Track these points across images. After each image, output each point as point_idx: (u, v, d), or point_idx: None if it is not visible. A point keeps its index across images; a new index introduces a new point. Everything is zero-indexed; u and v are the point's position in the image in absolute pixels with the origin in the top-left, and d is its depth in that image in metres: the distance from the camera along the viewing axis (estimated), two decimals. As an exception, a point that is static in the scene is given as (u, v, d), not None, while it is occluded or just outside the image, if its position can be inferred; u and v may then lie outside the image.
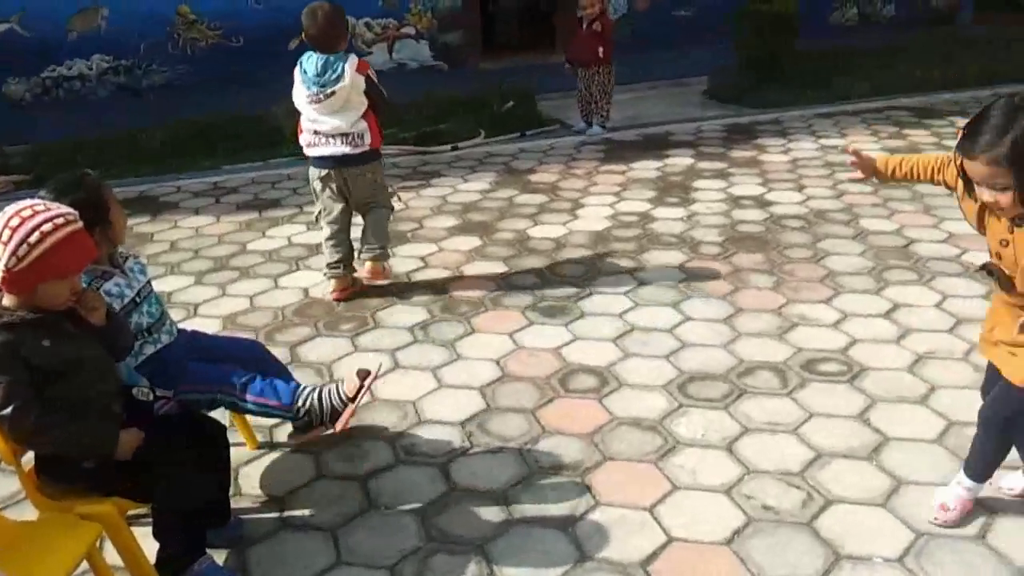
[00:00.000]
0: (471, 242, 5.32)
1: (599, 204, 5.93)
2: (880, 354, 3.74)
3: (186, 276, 5.00)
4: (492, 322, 4.23)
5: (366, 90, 4.32)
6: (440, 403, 3.53)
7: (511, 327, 4.16)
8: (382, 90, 4.41)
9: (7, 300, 2.28)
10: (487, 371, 3.76)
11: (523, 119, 8.33)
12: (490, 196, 6.23)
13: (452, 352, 3.95)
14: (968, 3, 12.67)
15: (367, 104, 4.35)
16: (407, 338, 4.11)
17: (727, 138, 7.56)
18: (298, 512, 2.92)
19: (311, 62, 4.31)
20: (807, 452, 3.10)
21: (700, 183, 6.28)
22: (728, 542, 2.68)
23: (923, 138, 7.24)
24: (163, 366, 2.79)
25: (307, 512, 2.92)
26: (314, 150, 4.42)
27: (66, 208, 2.31)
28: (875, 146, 7.04)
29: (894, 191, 5.72)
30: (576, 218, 5.68)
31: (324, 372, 3.82)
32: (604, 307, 4.33)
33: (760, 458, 3.07)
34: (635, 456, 3.12)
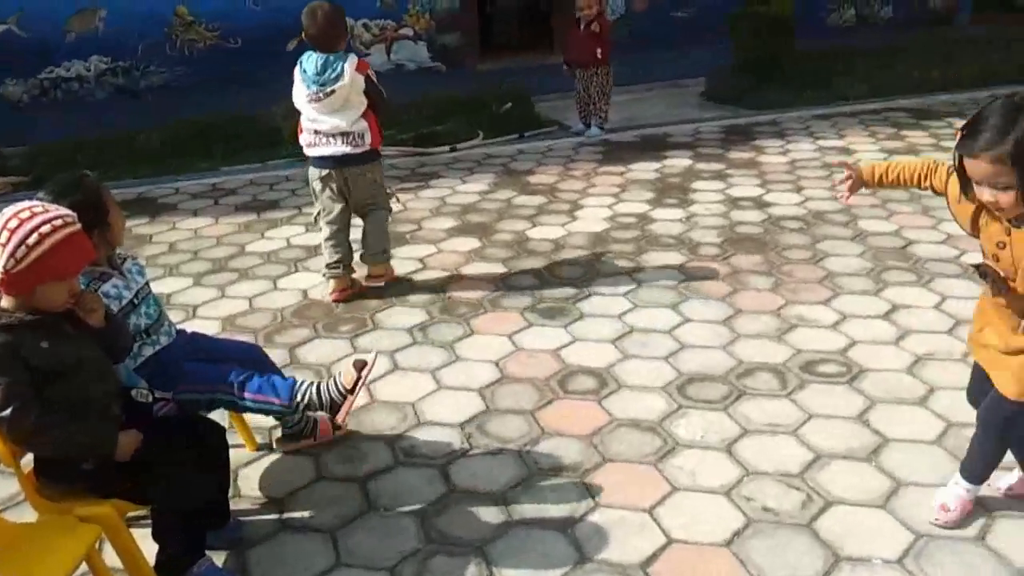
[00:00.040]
0: (470, 243, 5.32)
1: (598, 205, 5.93)
2: (879, 355, 3.74)
3: (185, 278, 4.99)
4: (491, 323, 4.23)
5: (365, 90, 4.32)
6: (439, 404, 3.53)
7: (510, 328, 4.16)
8: (381, 90, 4.42)
9: (6, 302, 2.28)
10: (486, 372, 3.76)
11: (521, 120, 8.33)
12: (489, 197, 6.23)
13: (451, 353, 3.95)
14: (966, 4, 12.69)
15: (366, 103, 4.35)
16: (406, 339, 4.11)
17: (725, 139, 7.56)
18: (297, 514, 2.92)
19: (311, 61, 4.31)
20: (806, 453, 3.10)
21: (698, 184, 6.29)
22: (728, 543, 2.68)
23: (921, 139, 7.24)
24: (161, 368, 2.79)
25: (306, 514, 2.91)
26: (314, 150, 4.42)
27: (64, 210, 2.31)
28: (873, 147, 7.05)
29: (892, 192, 5.72)
30: (575, 219, 5.68)
31: (323, 374, 3.82)
32: (603, 308, 4.33)
33: (759, 459, 3.07)
34: (634, 457, 3.12)
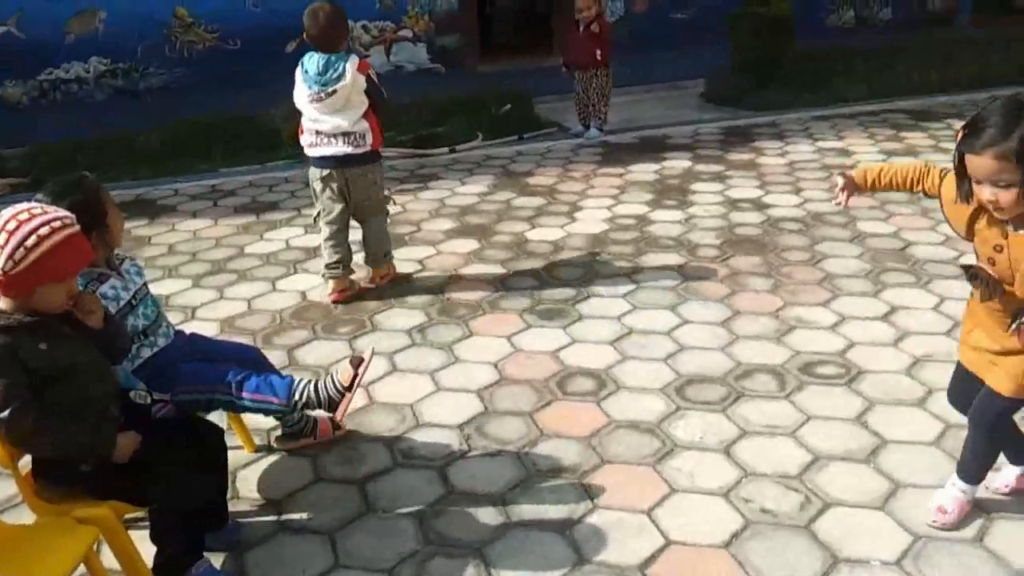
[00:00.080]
0: (469, 245, 5.32)
1: (597, 207, 5.93)
2: (878, 357, 3.75)
3: (184, 279, 4.99)
4: (490, 325, 4.23)
5: (367, 90, 4.34)
6: (438, 406, 3.53)
7: (509, 330, 4.16)
8: (382, 90, 4.44)
9: (4, 303, 2.28)
10: (485, 374, 3.76)
11: (521, 122, 8.33)
12: (488, 199, 6.23)
13: (450, 355, 3.95)
14: (965, 5, 12.69)
15: (368, 104, 4.37)
16: (405, 341, 4.11)
17: (724, 141, 7.56)
18: (296, 515, 2.92)
19: (312, 61, 4.33)
20: (805, 455, 3.10)
21: (697, 186, 6.29)
22: (726, 545, 2.68)
23: (920, 140, 7.25)
24: (159, 370, 2.78)
25: (305, 515, 2.91)
26: (315, 150, 4.43)
27: (63, 211, 2.31)
28: (872, 149, 7.05)
29: (892, 194, 5.72)
30: (574, 221, 5.68)
31: (322, 375, 3.80)
32: (602, 310, 4.33)
33: (758, 461, 3.07)
34: (633, 459, 3.12)
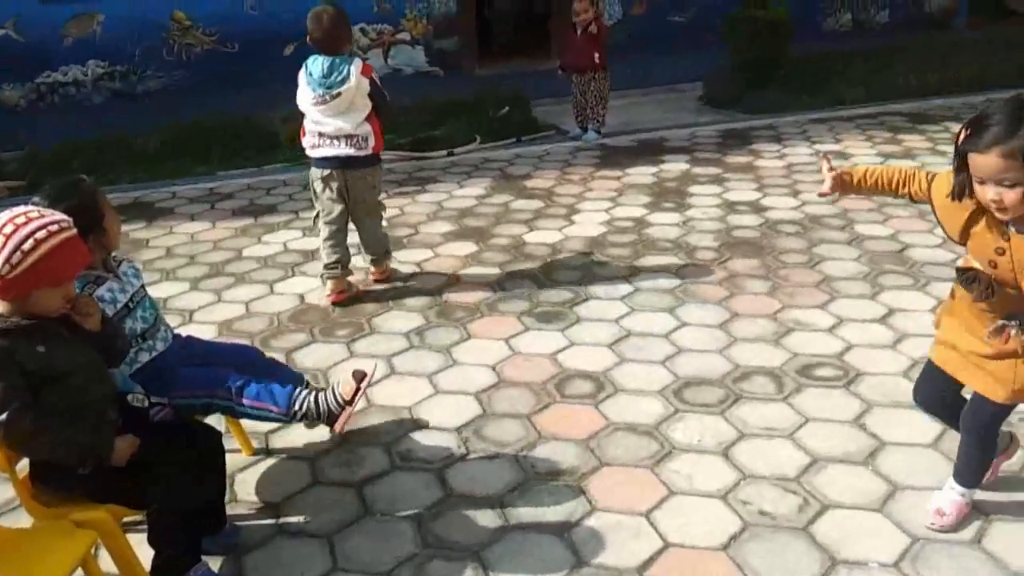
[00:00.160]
0: (467, 248, 5.32)
1: (595, 209, 5.93)
2: (876, 359, 3.75)
3: (181, 282, 4.99)
4: (488, 327, 4.23)
5: (370, 93, 4.38)
6: (436, 409, 3.53)
7: (507, 332, 4.16)
8: (384, 93, 4.48)
9: (1, 307, 2.28)
10: (483, 377, 3.76)
11: (519, 125, 8.33)
12: (486, 202, 6.23)
13: (448, 358, 3.95)
14: (962, 8, 12.71)
15: (370, 107, 4.40)
16: (403, 344, 4.11)
17: (722, 143, 7.57)
18: (294, 518, 2.91)
19: (317, 64, 4.35)
20: (803, 457, 3.10)
21: (695, 188, 6.29)
22: (724, 547, 2.68)
23: (917, 143, 7.26)
24: (158, 373, 2.78)
25: (303, 518, 2.91)
26: (318, 151, 4.46)
27: (60, 215, 2.31)
28: (870, 151, 7.06)
29: (889, 196, 5.72)
30: (572, 223, 5.69)
31: (320, 378, 3.81)
32: (600, 312, 4.33)
33: (756, 463, 3.07)
34: (631, 461, 3.12)
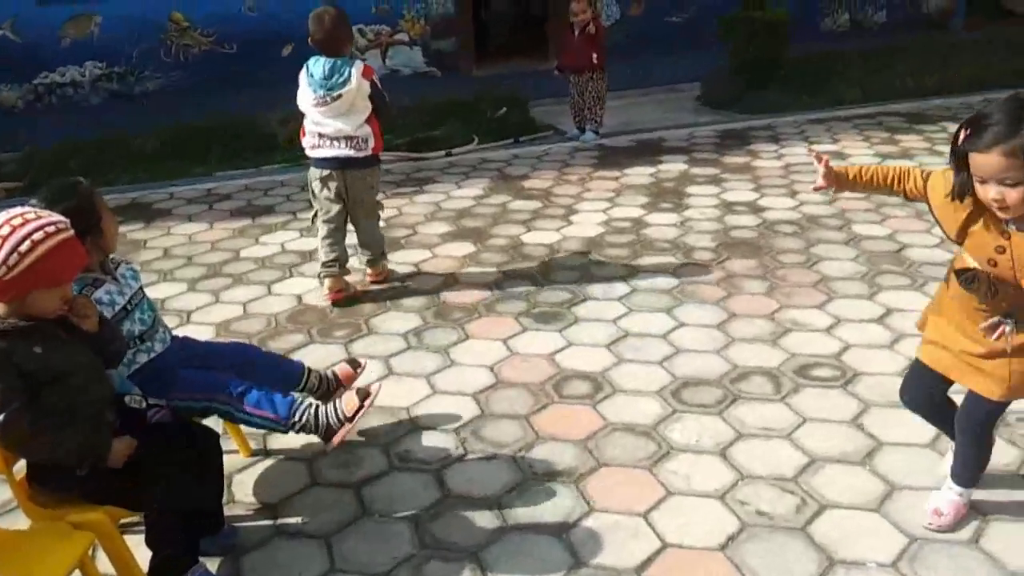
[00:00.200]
0: (465, 248, 5.32)
1: (592, 210, 5.93)
2: (873, 359, 3.75)
3: (179, 283, 4.98)
4: (486, 328, 4.23)
5: (370, 95, 4.39)
6: (434, 409, 3.53)
7: (505, 333, 4.16)
8: (385, 95, 4.50)
9: (-2, 308, 2.27)
10: (481, 377, 3.76)
11: (516, 125, 8.34)
12: (484, 202, 6.23)
13: (446, 358, 3.95)
14: (959, 9, 12.73)
15: (371, 108, 4.42)
16: (401, 344, 4.10)
17: (720, 144, 7.57)
18: (292, 519, 2.91)
19: (318, 66, 4.36)
20: (801, 457, 3.10)
21: (693, 189, 6.29)
22: (722, 548, 2.68)
23: (915, 143, 7.26)
24: (156, 374, 2.77)
25: (301, 519, 2.91)
26: (317, 152, 4.48)
27: (57, 216, 2.31)
28: (868, 152, 7.06)
29: (887, 197, 5.72)
30: (570, 224, 5.69)
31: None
32: (598, 313, 4.33)
33: (754, 463, 3.07)
34: (629, 462, 3.12)
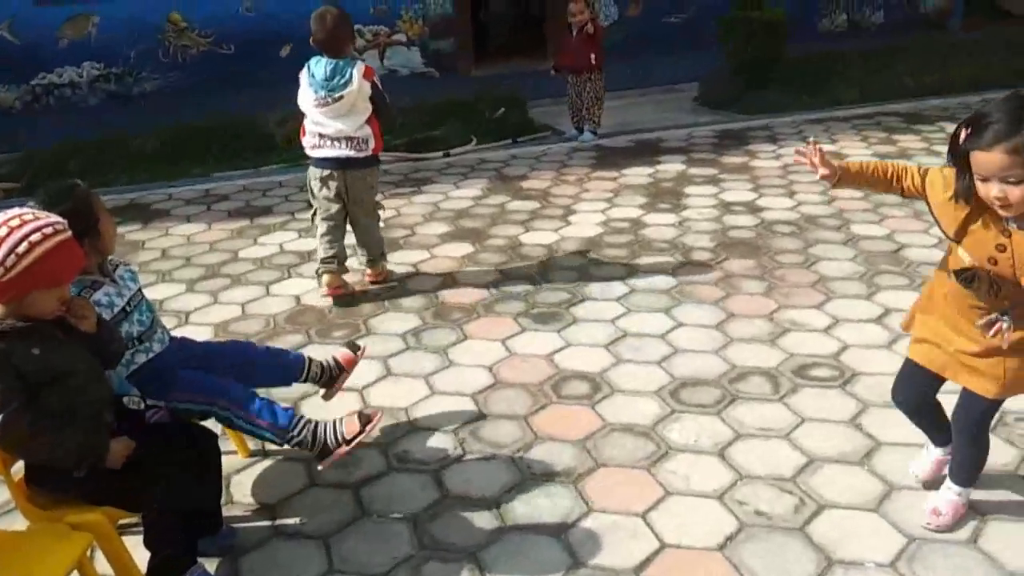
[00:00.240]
0: (463, 249, 5.32)
1: (591, 210, 5.94)
2: (872, 359, 3.75)
3: (177, 284, 4.98)
4: (484, 328, 4.23)
5: (371, 96, 4.41)
6: (433, 410, 3.53)
7: (503, 333, 4.16)
8: (385, 96, 4.51)
9: (-4, 309, 2.27)
10: (479, 378, 3.76)
11: (515, 126, 8.34)
12: (482, 203, 6.23)
13: (444, 359, 3.95)
14: (957, 9, 12.74)
15: (371, 109, 4.44)
16: (399, 345, 4.10)
17: (718, 144, 7.58)
18: (290, 520, 2.91)
19: (319, 66, 4.37)
20: (799, 457, 3.10)
21: (691, 189, 6.30)
22: (721, 548, 2.68)
23: (913, 143, 7.27)
24: (155, 374, 2.77)
25: (299, 520, 2.91)
26: (318, 151, 4.49)
27: (55, 217, 2.30)
28: (866, 152, 7.07)
29: (885, 196, 5.74)
30: (568, 224, 5.69)
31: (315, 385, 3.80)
32: (596, 313, 4.33)
33: (752, 463, 3.07)
34: (628, 462, 3.12)
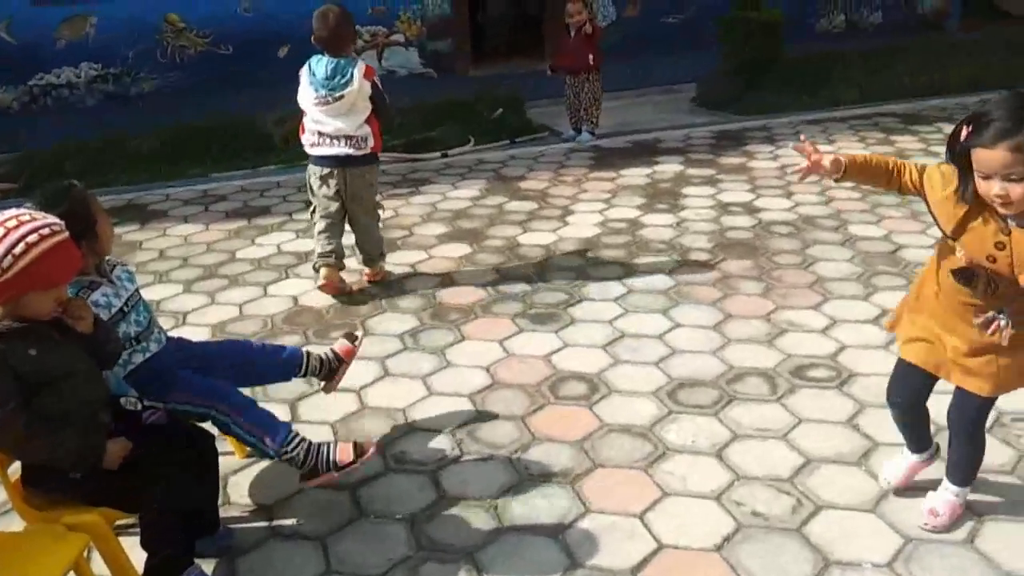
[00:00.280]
0: (461, 249, 5.32)
1: (589, 211, 5.94)
2: (869, 359, 3.75)
3: (175, 284, 4.98)
4: (482, 329, 4.23)
5: (371, 95, 4.43)
6: (430, 411, 3.53)
7: (501, 334, 4.16)
8: (385, 96, 4.54)
9: (-8, 310, 2.27)
10: (477, 378, 3.76)
11: (513, 126, 8.34)
12: (480, 203, 6.23)
13: (442, 359, 3.95)
14: (955, 10, 12.75)
15: (370, 109, 4.46)
16: (397, 345, 4.10)
17: (716, 145, 7.58)
18: (287, 521, 2.91)
19: (320, 65, 4.39)
20: (797, 458, 3.10)
21: (689, 190, 6.30)
22: (718, 548, 2.68)
23: (910, 144, 7.28)
24: (154, 374, 2.76)
25: (296, 521, 2.90)
26: (317, 149, 4.51)
27: (52, 219, 2.30)
28: (863, 152, 7.06)
29: (882, 197, 5.75)
30: (566, 225, 5.69)
31: (313, 381, 3.79)
32: (594, 314, 4.33)
33: (750, 464, 3.08)
34: (625, 463, 3.12)
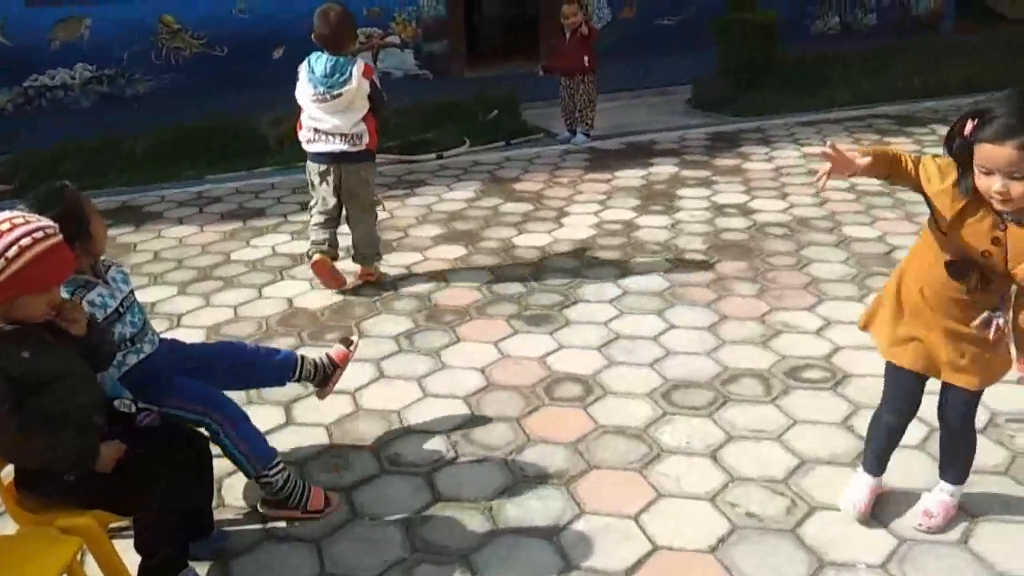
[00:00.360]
0: (456, 251, 5.32)
1: (584, 212, 5.94)
2: (863, 361, 3.75)
3: (169, 286, 4.97)
4: (477, 331, 4.23)
5: (369, 94, 4.46)
6: (425, 412, 3.53)
7: (496, 336, 4.16)
8: (383, 95, 4.57)
9: (-16, 313, 2.26)
10: (472, 380, 3.76)
11: (508, 128, 8.35)
12: (475, 205, 6.23)
13: (437, 361, 3.95)
14: (949, 12, 12.80)
15: (368, 107, 4.49)
16: (392, 347, 4.10)
17: (711, 146, 7.59)
18: (281, 523, 2.90)
19: (320, 62, 4.42)
20: (791, 459, 3.11)
21: (684, 191, 6.31)
22: (713, 550, 2.68)
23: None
24: (149, 376, 2.75)
25: (290, 523, 2.89)
26: (313, 146, 4.55)
27: (46, 221, 2.29)
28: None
29: (876, 199, 5.76)
30: (561, 226, 5.69)
31: (308, 386, 3.79)
32: (589, 315, 4.34)
33: (744, 465, 3.08)
34: (620, 464, 3.12)
